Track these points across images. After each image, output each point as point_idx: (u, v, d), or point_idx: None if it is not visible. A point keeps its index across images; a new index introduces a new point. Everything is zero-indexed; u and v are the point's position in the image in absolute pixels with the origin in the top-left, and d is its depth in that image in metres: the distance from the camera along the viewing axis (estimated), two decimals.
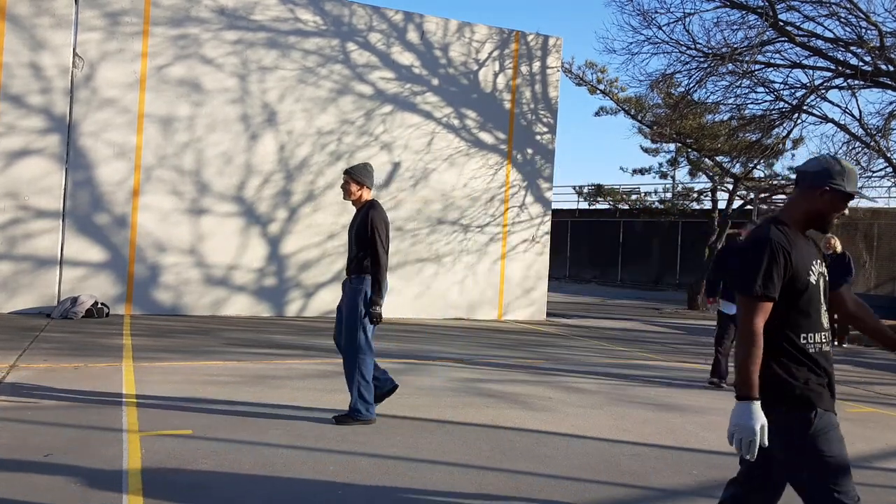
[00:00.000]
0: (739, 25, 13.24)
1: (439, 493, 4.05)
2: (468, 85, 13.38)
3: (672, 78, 14.73)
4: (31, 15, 10.50)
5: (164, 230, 11.21)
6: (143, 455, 4.34)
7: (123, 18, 10.96)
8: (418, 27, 13.00)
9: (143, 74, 11.07)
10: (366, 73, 12.56)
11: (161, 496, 3.72)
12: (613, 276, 28.29)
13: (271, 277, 11.97)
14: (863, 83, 13.12)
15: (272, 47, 11.88)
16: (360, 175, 5.50)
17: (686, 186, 23.30)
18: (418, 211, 12.97)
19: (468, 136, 13.36)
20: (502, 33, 13.67)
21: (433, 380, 7.23)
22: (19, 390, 5.82)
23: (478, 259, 13.43)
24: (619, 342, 11.39)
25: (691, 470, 4.67)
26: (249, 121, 11.76)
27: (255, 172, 11.80)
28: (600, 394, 7.05)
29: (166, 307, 11.26)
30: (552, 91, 14.11)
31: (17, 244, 10.43)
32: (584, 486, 4.27)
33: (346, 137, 12.43)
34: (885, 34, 12.34)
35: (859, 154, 14.00)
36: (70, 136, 10.71)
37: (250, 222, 11.80)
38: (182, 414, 5.34)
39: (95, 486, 3.80)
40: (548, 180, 14.11)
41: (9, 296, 10.39)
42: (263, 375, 6.96)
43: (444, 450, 4.84)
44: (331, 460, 4.48)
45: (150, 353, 7.70)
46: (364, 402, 5.28)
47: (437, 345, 9.77)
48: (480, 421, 5.64)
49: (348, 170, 5.55)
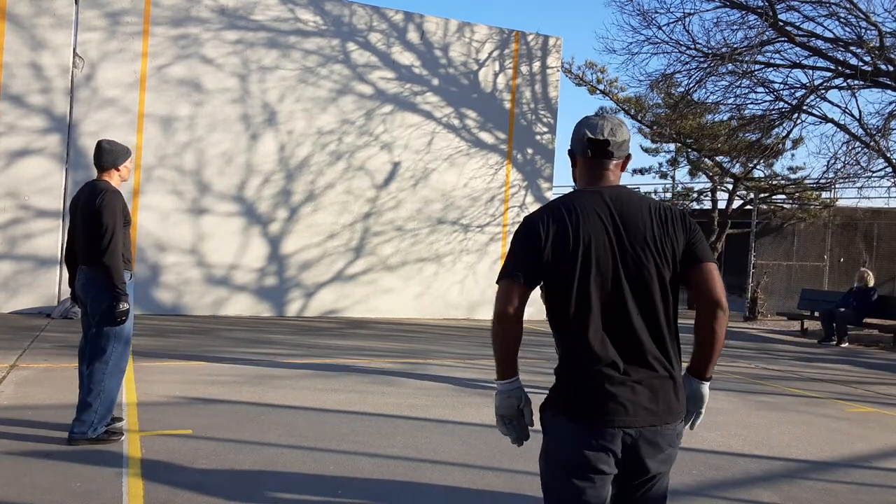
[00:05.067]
0: (739, 25, 13.25)
1: (439, 493, 4.05)
2: (468, 85, 13.38)
3: (672, 78, 14.73)
4: (32, 15, 10.50)
5: (165, 230, 11.21)
6: (143, 455, 4.34)
7: (124, 18, 10.96)
8: (418, 27, 13.00)
9: (144, 74, 11.07)
10: (366, 73, 12.56)
11: (161, 496, 3.72)
12: None
13: (272, 277, 11.97)
14: (862, 83, 13.12)
15: (272, 47, 11.88)
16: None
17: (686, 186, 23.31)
18: (418, 211, 12.98)
19: (468, 136, 13.36)
20: (502, 33, 13.67)
21: (433, 380, 7.24)
22: (19, 390, 5.82)
23: (478, 259, 13.43)
24: None
25: (691, 470, 4.67)
26: (250, 121, 11.76)
27: (255, 172, 11.81)
28: None
29: (167, 307, 11.26)
30: (552, 91, 14.11)
31: (17, 244, 10.44)
32: None
33: (347, 137, 12.43)
34: (884, 34, 12.34)
35: (859, 154, 13.99)
36: (70, 135, 10.71)
37: (251, 222, 11.81)
38: (182, 414, 5.34)
39: (96, 486, 3.80)
40: (548, 180, 14.12)
41: (9, 296, 10.39)
42: (263, 375, 6.96)
43: (444, 450, 4.84)
44: (331, 460, 4.48)
45: (150, 353, 7.70)
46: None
47: (437, 345, 9.77)
48: (480, 421, 5.65)
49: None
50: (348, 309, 12.48)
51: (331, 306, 12.37)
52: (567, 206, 2.17)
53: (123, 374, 4.65)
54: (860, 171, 14.26)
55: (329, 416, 5.50)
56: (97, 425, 4.49)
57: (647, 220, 2.16)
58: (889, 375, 9.47)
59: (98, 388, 4.45)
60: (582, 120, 2.29)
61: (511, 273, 2.16)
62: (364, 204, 12.56)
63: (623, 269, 2.11)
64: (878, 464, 5.10)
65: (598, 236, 2.12)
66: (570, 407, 2.15)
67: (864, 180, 14.48)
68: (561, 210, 2.17)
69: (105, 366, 4.47)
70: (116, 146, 4.64)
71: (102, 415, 4.50)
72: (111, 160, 4.59)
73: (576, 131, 2.28)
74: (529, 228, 2.18)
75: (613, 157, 2.24)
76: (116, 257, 4.37)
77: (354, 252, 12.51)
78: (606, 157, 2.23)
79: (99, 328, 4.46)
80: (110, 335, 4.46)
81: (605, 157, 2.23)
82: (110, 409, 4.57)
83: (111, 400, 4.54)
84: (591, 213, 2.15)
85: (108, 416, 4.57)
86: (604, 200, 2.17)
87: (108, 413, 4.55)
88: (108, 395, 4.50)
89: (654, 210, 2.19)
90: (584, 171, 2.28)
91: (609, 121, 2.26)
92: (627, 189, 2.26)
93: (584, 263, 2.10)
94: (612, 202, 2.17)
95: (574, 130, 2.30)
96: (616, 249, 2.12)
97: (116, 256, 4.37)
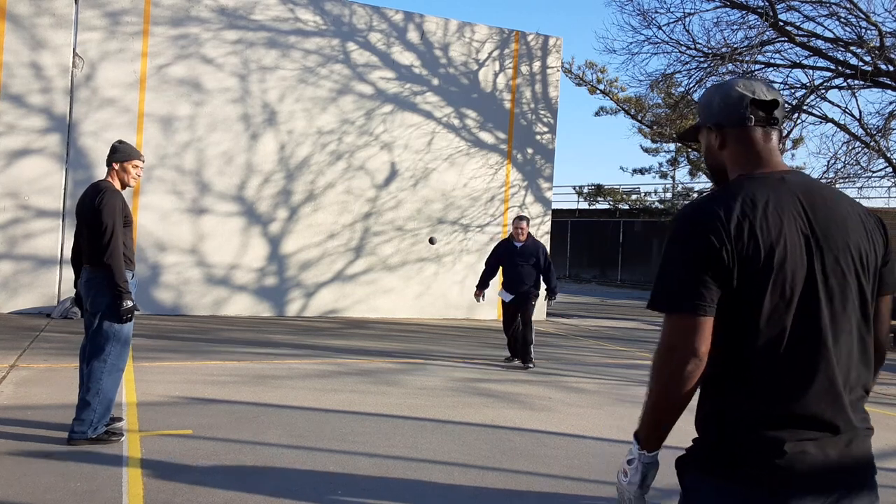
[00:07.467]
0: (739, 25, 13.25)
1: (439, 493, 4.05)
2: (468, 85, 13.38)
3: (672, 78, 14.73)
4: (32, 14, 10.50)
5: (165, 230, 11.21)
6: (143, 454, 4.34)
7: (123, 18, 10.96)
8: (418, 27, 13.00)
9: (144, 74, 11.07)
10: (366, 73, 12.56)
11: (161, 496, 3.72)
12: (613, 276, 28.29)
13: (272, 277, 11.97)
14: (863, 83, 13.11)
15: (272, 47, 11.88)
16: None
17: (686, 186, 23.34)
18: (418, 211, 12.98)
19: (468, 136, 13.36)
20: (502, 33, 13.67)
21: (433, 380, 7.23)
22: (19, 390, 5.82)
23: (478, 259, 13.42)
24: (619, 342, 11.39)
25: None
26: (250, 120, 11.76)
27: (255, 172, 11.81)
28: (600, 394, 7.05)
29: (167, 307, 11.26)
30: (552, 91, 14.11)
31: (17, 244, 10.43)
32: (584, 486, 4.27)
33: (347, 137, 12.43)
34: (884, 34, 12.34)
35: (859, 154, 13.99)
36: (70, 135, 10.71)
37: (251, 222, 11.81)
38: (182, 414, 5.34)
39: (96, 486, 3.80)
40: (548, 180, 14.11)
41: (9, 296, 10.39)
42: (263, 375, 6.96)
43: (444, 450, 4.84)
44: (331, 460, 4.48)
45: (150, 353, 7.70)
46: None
47: (437, 345, 9.77)
48: (480, 421, 5.64)
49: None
50: (348, 309, 12.48)
51: (331, 306, 12.37)
52: (750, 197, 1.57)
53: (122, 374, 4.65)
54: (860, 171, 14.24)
55: (329, 416, 5.50)
56: (97, 425, 4.49)
57: (849, 219, 1.62)
58: (889, 375, 9.46)
59: (96, 386, 4.45)
60: (720, 84, 1.76)
61: (690, 301, 1.52)
62: (364, 204, 12.56)
63: (822, 288, 1.55)
64: (878, 464, 5.07)
65: (793, 241, 1.55)
66: (736, 471, 1.54)
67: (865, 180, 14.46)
68: (743, 203, 1.56)
69: (103, 364, 4.47)
70: (125, 146, 4.69)
71: (101, 414, 4.50)
72: (112, 157, 4.63)
73: (721, 95, 1.72)
74: (704, 228, 1.54)
75: (776, 126, 1.69)
76: (117, 256, 4.37)
77: (354, 252, 12.51)
78: (773, 127, 1.69)
79: (98, 327, 4.46)
80: (109, 334, 4.46)
81: (772, 125, 1.68)
82: (109, 409, 4.57)
83: (109, 399, 4.54)
84: (781, 207, 1.57)
85: (107, 415, 4.57)
86: (791, 190, 1.60)
87: (106, 412, 4.55)
88: (106, 394, 4.50)
89: (853, 208, 1.65)
90: (747, 148, 1.69)
91: (757, 81, 1.73)
92: (810, 176, 1.71)
93: (779, 280, 1.52)
94: (801, 193, 1.60)
95: (713, 96, 1.75)
96: (813, 260, 1.56)
97: (117, 255, 4.38)
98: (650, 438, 1.64)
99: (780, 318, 1.53)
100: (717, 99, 1.72)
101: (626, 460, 1.68)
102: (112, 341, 4.48)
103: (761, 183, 1.60)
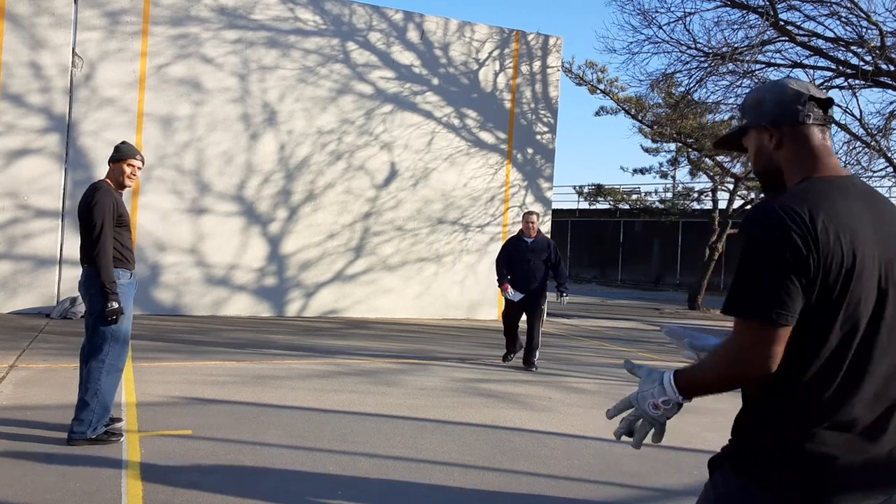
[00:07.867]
0: (740, 25, 13.23)
1: (439, 494, 4.04)
2: (468, 84, 13.36)
3: (672, 77, 14.72)
4: (31, 14, 10.49)
5: (165, 230, 11.20)
6: (142, 455, 4.33)
7: (123, 18, 10.95)
8: (418, 27, 12.99)
9: (143, 74, 11.06)
10: (366, 73, 12.55)
11: (160, 496, 3.71)
12: (613, 276, 28.29)
13: (271, 277, 11.96)
14: (863, 83, 13.10)
15: (272, 47, 11.87)
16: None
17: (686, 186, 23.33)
18: (418, 210, 12.97)
19: (468, 136, 13.35)
20: (502, 33, 13.66)
21: (433, 380, 7.23)
22: (19, 390, 5.81)
23: (478, 259, 13.42)
24: (619, 342, 11.38)
25: (692, 470, 4.66)
26: (250, 120, 11.75)
27: (255, 172, 11.80)
28: (600, 394, 7.05)
29: (166, 307, 11.25)
30: (552, 91, 14.10)
31: (16, 244, 10.42)
32: (584, 486, 4.26)
33: (347, 137, 12.42)
34: (885, 34, 12.32)
35: (860, 154, 13.98)
36: (70, 135, 10.70)
37: (250, 222, 11.80)
38: (182, 414, 5.33)
39: (95, 487, 3.79)
40: (548, 180, 14.10)
41: (9, 296, 10.38)
42: (263, 375, 6.95)
43: (444, 450, 4.83)
44: (331, 460, 4.47)
45: (149, 353, 7.69)
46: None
47: (437, 345, 9.77)
48: (480, 421, 5.63)
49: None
50: (348, 309, 12.47)
51: (331, 306, 12.36)
52: (827, 200, 1.50)
53: (121, 374, 4.64)
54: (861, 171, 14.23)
55: (329, 416, 5.49)
56: (96, 425, 4.48)
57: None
58: None
59: (95, 386, 4.44)
60: (769, 84, 1.70)
61: (768, 309, 1.45)
62: (364, 204, 12.55)
63: (891, 294, 1.52)
64: None
65: (869, 251, 1.50)
66: (773, 475, 1.52)
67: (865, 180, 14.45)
68: (820, 205, 1.48)
69: (101, 364, 4.46)
70: (125, 146, 4.69)
71: (100, 414, 4.49)
72: (111, 156, 4.65)
73: (775, 93, 1.65)
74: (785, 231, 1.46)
75: (829, 127, 1.63)
76: (105, 255, 4.37)
77: (354, 252, 12.50)
78: (828, 126, 1.63)
79: (95, 327, 4.45)
80: (107, 334, 4.46)
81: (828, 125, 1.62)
82: (107, 409, 4.56)
83: (108, 399, 4.53)
84: (855, 214, 1.50)
85: (106, 415, 4.56)
86: (861, 196, 1.56)
87: (105, 412, 4.54)
88: (104, 394, 4.49)
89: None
90: (806, 147, 1.61)
91: (803, 81, 1.68)
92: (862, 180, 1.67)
93: (856, 291, 1.47)
94: (869, 199, 1.56)
95: (763, 94, 1.67)
96: (881, 270, 1.51)
97: (105, 254, 4.37)
98: (692, 394, 1.62)
99: (852, 331, 1.48)
100: (769, 97, 1.65)
101: (661, 400, 1.66)
102: (110, 341, 4.48)
103: (834, 187, 1.54)
